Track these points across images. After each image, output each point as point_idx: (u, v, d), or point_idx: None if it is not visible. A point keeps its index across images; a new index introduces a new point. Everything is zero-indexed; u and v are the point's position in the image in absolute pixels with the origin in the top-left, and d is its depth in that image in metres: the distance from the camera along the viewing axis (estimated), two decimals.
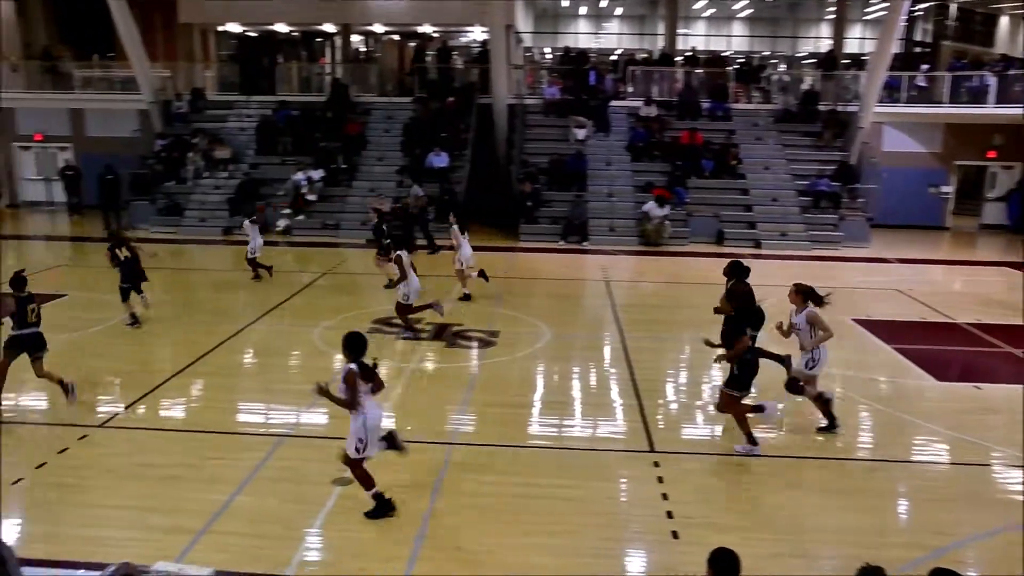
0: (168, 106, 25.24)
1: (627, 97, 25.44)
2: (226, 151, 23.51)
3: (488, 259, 18.69)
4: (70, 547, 6.17)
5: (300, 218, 21.65)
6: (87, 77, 26.88)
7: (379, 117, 24.91)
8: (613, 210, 21.72)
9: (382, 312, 13.64)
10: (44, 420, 9.09)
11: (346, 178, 22.89)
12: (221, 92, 26.78)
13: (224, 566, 5.38)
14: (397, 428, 8.87)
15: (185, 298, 14.95)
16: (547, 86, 26.15)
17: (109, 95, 26.32)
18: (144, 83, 24.62)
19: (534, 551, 6.31)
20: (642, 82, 25.84)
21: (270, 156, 23.64)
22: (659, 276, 17.92)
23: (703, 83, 25.55)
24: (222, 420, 9.00)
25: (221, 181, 22.97)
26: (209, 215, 22.11)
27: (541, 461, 8.04)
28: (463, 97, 24.59)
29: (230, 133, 24.49)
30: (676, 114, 24.30)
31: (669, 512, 6.94)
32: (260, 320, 13.08)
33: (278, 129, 23.96)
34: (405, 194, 21.71)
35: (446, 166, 22.40)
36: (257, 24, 30.29)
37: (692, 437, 8.87)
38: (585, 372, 11.17)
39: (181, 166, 23.29)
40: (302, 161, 22.54)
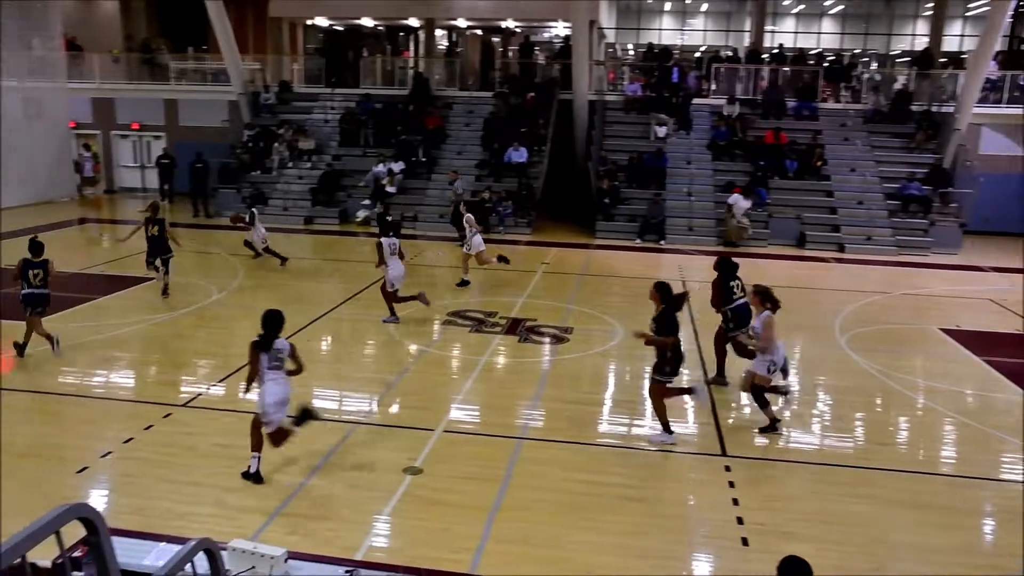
0: (256, 97, 25.99)
1: (710, 95, 25.01)
2: (310, 142, 24.06)
3: (563, 256, 18.68)
4: (153, 520, 6.42)
5: (379, 209, 21.97)
6: (182, 69, 27.91)
7: (460, 111, 25.11)
8: (692, 209, 21.40)
9: (455, 305, 13.76)
10: (132, 397, 9.47)
11: (425, 171, 23.15)
12: (307, 84, 27.43)
13: (295, 548, 5.50)
14: (468, 420, 8.96)
15: (267, 285, 15.36)
16: (629, 83, 25.89)
17: (202, 86, 27.28)
18: (235, 75, 25.39)
19: (601, 549, 6.27)
20: (726, 80, 25.35)
21: (352, 148, 24.08)
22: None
23: (789, 81, 24.92)
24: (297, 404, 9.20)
25: (304, 171, 23.52)
26: (292, 204, 22.67)
27: (610, 459, 7.98)
28: (544, 93, 24.58)
29: (314, 125, 25.07)
30: (760, 113, 23.77)
31: (739, 518, 6.81)
32: (337, 309, 13.34)
33: (361, 121, 24.39)
34: (483, 188, 21.86)
35: (524, 161, 22.43)
36: (344, 18, 30.90)
37: (765, 443, 8.66)
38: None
39: (267, 156, 23.94)
40: (383, 153, 22.89)
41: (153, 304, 13.37)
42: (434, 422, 8.68)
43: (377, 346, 11.80)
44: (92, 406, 9.07)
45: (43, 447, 7.91)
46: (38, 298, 10.51)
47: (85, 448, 7.88)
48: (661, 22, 42.23)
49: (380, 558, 6.10)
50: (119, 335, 11.82)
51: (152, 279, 14.05)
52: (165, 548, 4.85)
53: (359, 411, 9.11)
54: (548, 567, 6.02)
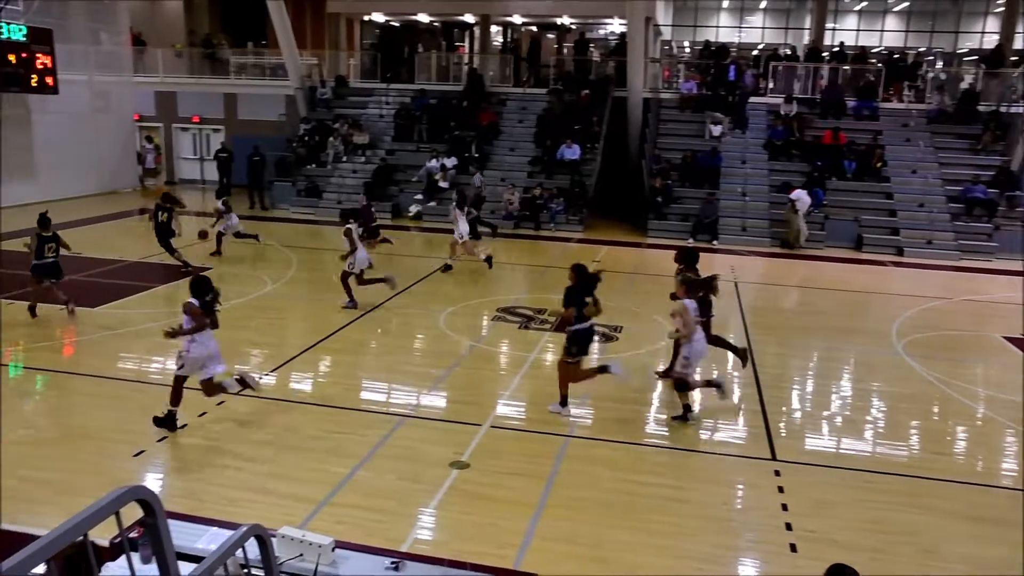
0: (313, 92, 26.37)
1: (767, 93, 24.62)
2: (364, 136, 24.33)
3: (614, 254, 18.59)
4: (204, 504, 6.57)
5: (432, 204, 22.14)
6: (241, 64, 28.49)
7: (513, 107, 25.14)
8: (746, 209, 21.12)
9: (506, 301, 13.79)
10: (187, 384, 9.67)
11: (478, 167, 23.23)
12: (363, 79, 27.73)
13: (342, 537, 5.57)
14: (516, 416, 8.99)
15: (319, 277, 15.58)
16: (684, 80, 25.64)
17: (260, 81, 27.81)
18: (292, 70, 25.79)
19: (646, 550, 6.23)
20: (784, 78, 24.93)
21: (406, 143, 24.29)
22: (790, 279, 17.28)
23: (850, 80, 24.39)
24: (347, 396, 9.34)
25: (358, 165, 23.80)
26: (346, 198, 22.91)
27: (657, 460, 7.93)
28: (598, 90, 24.48)
29: (369, 119, 25.34)
30: (819, 112, 23.33)
31: (788, 524, 6.70)
32: (388, 302, 13.47)
33: (415, 117, 24.58)
34: (535, 184, 21.86)
35: (577, 159, 22.37)
36: (400, 14, 31.15)
37: (817, 448, 8.50)
38: (706, 372, 10.90)
39: (322, 150, 24.29)
40: (436, 149, 23.04)
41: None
42: (481, 417, 8.72)
43: (426, 340, 11.89)
44: (149, 392, 9.30)
45: (104, 430, 8.14)
46: (50, 268, 11.69)
47: (142, 432, 8.10)
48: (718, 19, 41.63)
49: (425, 551, 6.14)
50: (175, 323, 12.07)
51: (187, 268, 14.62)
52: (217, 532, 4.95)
53: (407, 404, 9.19)
54: (592, 566, 6.00)
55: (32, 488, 6.85)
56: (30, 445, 7.75)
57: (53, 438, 7.94)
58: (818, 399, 10.16)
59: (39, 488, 6.88)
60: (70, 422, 8.34)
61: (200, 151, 28.42)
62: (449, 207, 16.34)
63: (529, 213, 21.27)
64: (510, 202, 21.51)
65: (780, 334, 12.70)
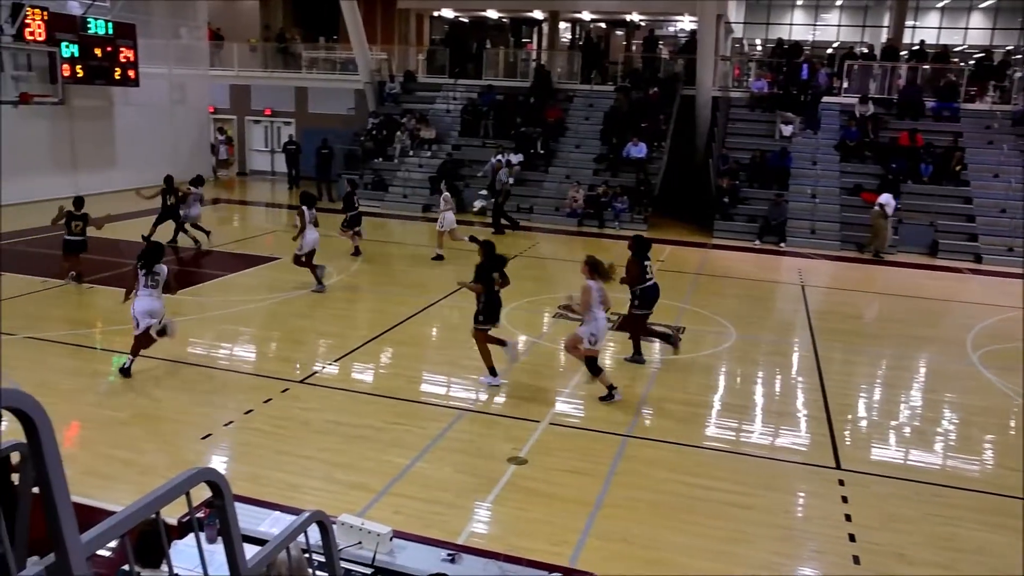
0: (382, 87, 26.71)
1: (841, 93, 24.00)
2: (431, 131, 24.53)
3: (679, 254, 18.38)
4: (266, 489, 6.71)
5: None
6: (313, 58, 29.01)
7: (580, 104, 25.05)
8: (815, 212, 20.64)
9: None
10: (254, 371, 9.92)
11: (543, 163, 23.23)
12: (431, 75, 27.96)
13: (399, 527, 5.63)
14: (574, 414, 8.97)
15: (383, 269, 15.79)
16: (755, 79, 25.17)
17: (330, 75, 28.28)
18: (362, 64, 26.17)
19: (702, 554, 6.15)
20: (859, 77, 24.26)
21: (472, 138, 24.42)
22: (861, 285, 16.81)
23: (929, 80, 23.60)
24: (408, 388, 9.44)
25: (425, 160, 24.02)
26: (411, 192, 23.19)
27: (716, 463, 7.81)
28: (666, 88, 24.22)
29: (436, 115, 25.54)
30: (895, 113, 22.66)
31: (852, 535, 6.53)
32: (451, 296, 13.57)
33: (482, 112, 24.69)
34: (599, 182, 21.76)
35: (643, 157, 22.17)
36: (469, 10, 31.32)
37: (884, 459, 8.27)
38: (770, 377, 10.73)
39: (389, 144, 24.58)
40: (502, 144, 23.10)
41: (276, 283, 13.98)
42: (540, 414, 8.72)
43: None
44: (218, 377, 9.56)
45: (176, 412, 8.40)
46: (77, 244, 12.85)
47: (210, 416, 8.33)
48: (792, 17, 40.76)
49: (480, 544, 6.17)
50: (244, 311, 12.42)
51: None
52: (279, 517, 5.05)
53: (467, 398, 9.25)
54: (647, 567, 5.95)
55: (104, 464, 7.11)
56: (106, 424, 8.04)
57: (126, 418, 8.22)
58: (886, 408, 9.88)
59: (111, 464, 7.14)
60: (143, 403, 8.62)
61: (271, 143, 29.06)
62: (440, 198, 16.92)
63: (593, 211, 21.18)
64: (574, 199, 21.45)
65: (848, 340, 12.38)
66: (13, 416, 1.48)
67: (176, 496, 1.81)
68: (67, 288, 12.88)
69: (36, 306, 12.01)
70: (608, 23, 33.34)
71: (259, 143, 29.38)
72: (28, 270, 13.62)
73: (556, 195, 22.17)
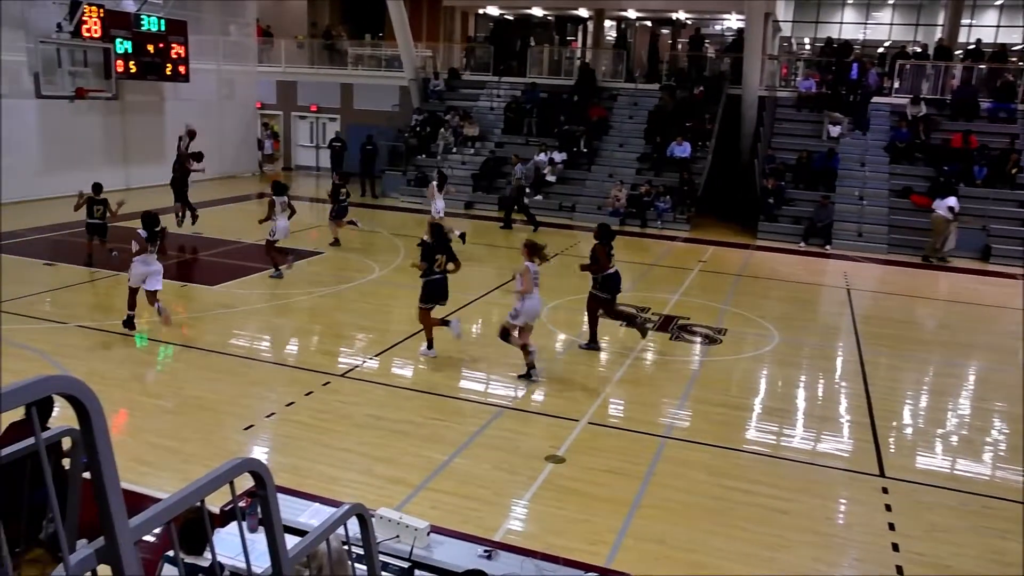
0: (426, 84, 26.84)
1: (892, 93, 23.53)
2: (475, 129, 24.60)
3: (721, 255, 18.20)
4: (306, 480, 6.79)
5: (538, 198, 22.20)
6: (358, 55, 29.28)
7: (624, 103, 24.91)
8: (863, 214, 20.27)
9: None
10: (295, 364, 10.05)
11: (586, 162, 23.15)
12: (475, 72, 28.03)
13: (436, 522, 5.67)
14: (613, 414, 8.94)
15: None
16: (803, 78, 24.79)
17: (376, 72, 28.51)
18: (407, 62, 26.33)
19: (740, 559, 6.08)
20: (911, 77, 23.74)
21: (515, 136, 24.42)
22: (908, 289, 16.47)
23: (985, 80, 22.99)
24: (447, 384, 9.48)
25: (468, 157, 24.10)
26: (455, 189, 23.23)
27: (756, 467, 7.72)
28: (712, 87, 23.97)
29: (480, 112, 25.61)
30: (948, 114, 22.14)
31: (895, 544, 6.41)
32: (491, 293, 13.61)
33: (525, 110, 24.68)
34: (642, 181, 21.63)
35: (687, 156, 21.98)
36: (514, 8, 31.32)
37: (931, 468, 8.10)
38: (812, 381, 10.57)
39: (432, 141, 24.70)
40: (545, 143, 23.07)
41: (318, 277, 14.14)
42: (579, 413, 8.71)
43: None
44: (261, 369, 9.71)
45: (220, 403, 8.55)
46: (97, 227, 13.68)
47: (252, 407, 8.46)
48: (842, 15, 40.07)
49: (516, 542, 6.18)
50: (287, 304, 12.59)
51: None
52: (318, 508, 5.11)
53: (506, 395, 9.26)
54: (684, 570, 5.90)
55: (149, 451, 7.26)
56: (152, 412, 8.22)
57: (171, 407, 8.39)
58: (933, 416, 9.68)
59: (156, 452, 7.29)
60: (187, 393, 8.79)
61: (316, 139, 29.40)
62: (428, 186, 17.44)
63: (636, 210, 21.06)
64: (617, 198, 21.35)
65: (894, 345, 12.15)
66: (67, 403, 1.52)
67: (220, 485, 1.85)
68: (117, 279, 13.17)
69: (86, 296, 12.31)
70: (654, 21, 33.09)
71: (304, 139, 29.73)
72: (78, 260, 13.95)
73: (598, 194, 22.08)
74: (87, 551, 1.57)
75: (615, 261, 10.92)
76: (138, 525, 1.59)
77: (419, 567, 4.59)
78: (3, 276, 13.17)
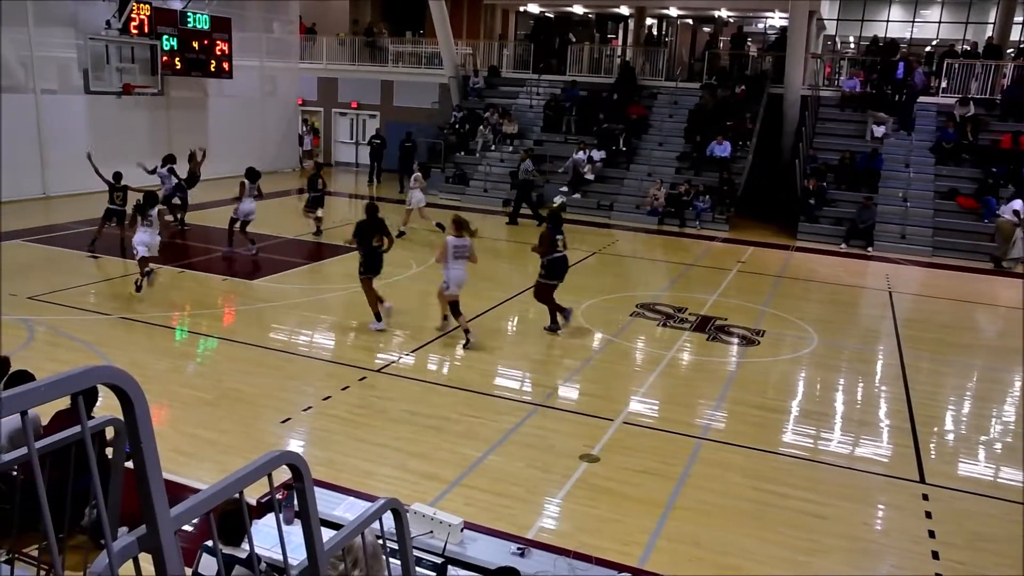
0: (466, 81, 26.91)
1: (939, 93, 23.04)
2: (514, 126, 24.61)
3: (760, 255, 18.00)
4: (341, 474, 6.87)
5: (576, 196, 22.15)
6: (399, 52, 29.46)
7: (664, 102, 24.74)
8: (906, 216, 19.89)
9: (646, 297, 13.65)
10: (333, 358, 10.15)
11: (625, 160, 23.04)
12: (515, 70, 28.04)
13: (470, 518, 5.69)
14: (648, 414, 8.89)
15: None
16: (847, 78, 24.39)
17: (416, 69, 28.66)
18: (447, 59, 26.42)
19: (775, 563, 6.02)
20: (960, 76, 23.24)
21: (554, 134, 24.39)
22: (953, 293, 16.10)
23: None
24: (482, 381, 9.50)
25: (506, 155, 24.11)
26: (492, 186, 23.31)
27: (792, 470, 7.63)
28: (753, 86, 23.70)
29: (519, 109, 25.61)
30: (998, 114, 21.63)
31: (935, 552, 6.29)
32: (528, 291, 13.60)
33: (564, 108, 24.63)
34: (682, 181, 21.48)
35: (727, 156, 21.77)
36: (555, 5, 31.26)
37: (973, 475, 7.94)
38: (851, 385, 10.41)
39: (471, 138, 24.76)
40: (584, 141, 23.00)
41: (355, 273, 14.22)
42: (614, 412, 8.68)
43: (564, 331, 11.92)
44: (298, 363, 9.82)
45: (255, 395, 8.66)
46: (116, 213, 14.52)
47: (290, 401, 8.57)
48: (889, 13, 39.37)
49: (549, 540, 6.18)
50: (324, 299, 12.73)
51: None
52: (353, 502, 5.16)
53: (541, 393, 9.26)
54: (718, 572, 5.86)
55: (188, 442, 7.39)
56: (192, 404, 8.36)
57: (210, 399, 8.52)
58: (976, 422, 9.48)
59: (195, 443, 7.41)
60: (226, 385, 8.92)
61: (356, 136, 29.65)
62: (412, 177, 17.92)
63: (674, 210, 20.91)
64: (655, 197, 21.22)
65: (937, 350, 11.93)
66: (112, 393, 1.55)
67: (259, 477, 1.87)
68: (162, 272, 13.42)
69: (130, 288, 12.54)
70: (696, 19, 32.80)
71: (344, 135, 30.01)
72: (123, 254, 14.22)
73: (637, 193, 21.96)
74: (129, 539, 1.60)
75: (564, 245, 11.28)
76: (179, 515, 1.62)
77: (452, 563, 4.61)
78: (50, 268, 13.51)
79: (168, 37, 20.58)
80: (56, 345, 9.89)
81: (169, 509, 1.59)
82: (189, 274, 13.66)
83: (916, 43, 35.47)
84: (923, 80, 23.27)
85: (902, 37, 34.85)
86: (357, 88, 28.92)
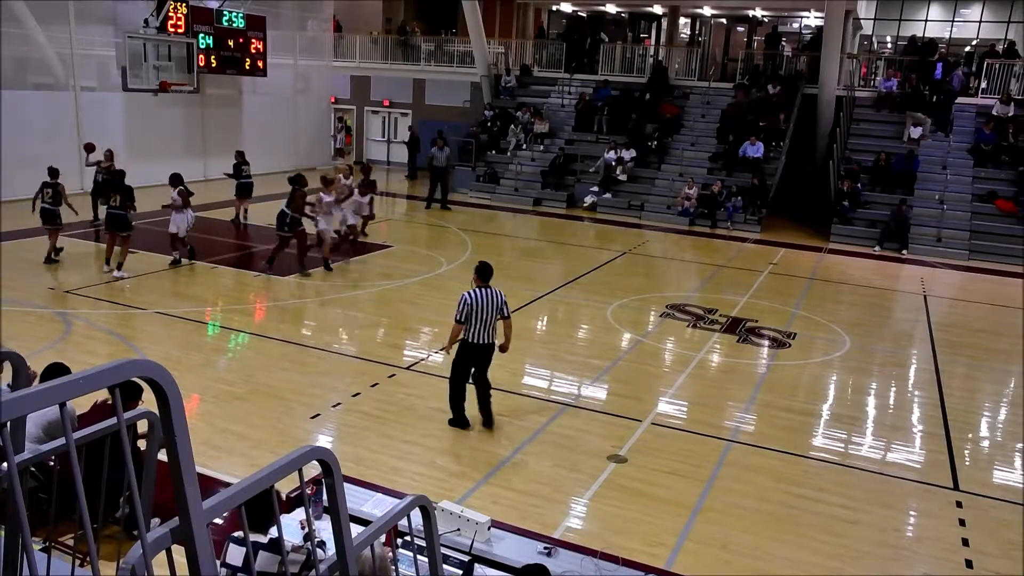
0: (498, 80, 26.93)
1: (978, 94, 22.63)
2: (545, 125, 24.57)
3: (793, 257, 17.82)
4: (369, 470, 6.91)
5: (607, 196, 22.07)
6: (431, 50, 29.56)
7: (696, 102, 24.56)
8: (943, 218, 19.55)
9: (676, 298, 13.57)
10: (362, 355, 10.21)
11: (656, 160, 22.92)
12: (547, 69, 27.99)
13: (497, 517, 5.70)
14: (677, 415, 8.84)
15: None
16: (884, 78, 24.05)
17: (448, 67, 28.72)
18: (479, 58, 26.45)
19: (805, 567, 5.96)
20: (1000, 77, 22.79)
21: (585, 133, 24.30)
22: (989, 297, 15.81)
23: None
24: (511, 380, 9.49)
25: (537, 154, 24.09)
26: (523, 186, 23.30)
27: (823, 475, 7.55)
28: (787, 86, 23.46)
29: (551, 109, 25.55)
30: None
31: (968, 561, 6.19)
32: (557, 291, 13.59)
33: (596, 107, 24.54)
34: (714, 181, 21.32)
35: (760, 157, 21.56)
36: (588, 5, 31.17)
37: (1009, 483, 7.79)
38: (884, 389, 10.27)
39: (503, 137, 24.77)
40: (616, 140, 22.92)
41: (385, 270, 14.33)
42: (642, 413, 8.64)
43: (592, 331, 11.90)
44: (329, 359, 9.89)
45: (289, 391, 8.74)
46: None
47: (320, 397, 8.64)
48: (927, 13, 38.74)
49: (575, 540, 6.17)
50: (355, 296, 12.81)
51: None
52: (381, 499, 5.19)
53: (569, 393, 9.25)
54: (745, 575, 5.82)
55: (219, 436, 7.48)
56: (223, 398, 8.46)
57: (242, 394, 8.61)
58: (1013, 429, 9.29)
59: (226, 437, 7.50)
60: (258, 381, 9.02)
61: (388, 134, 29.81)
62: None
63: (706, 210, 20.76)
64: (687, 196, 21.08)
65: (972, 355, 11.72)
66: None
67: (290, 471, 1.89)
68: (194, 267, 13.60)
69: (164, 283, 12.73)
70: (729, 18, 32.52)
71: (376, 133, 30.17)
72: (158, 249, 14.40)
73: (668, 193, 21.83)
74: (162, 531, 1.63)
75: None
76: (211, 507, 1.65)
77: (479, 561, 4.62)
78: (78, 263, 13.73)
79: (204, 35, 20.81)
80: (93, 339, 10.06)
81: (201, 502, 1.61)
82: (221, 270, 13.82)
83: (955, 43, 34.87)
84: (961, 81, 22.87)
85: (941, 37, 34.27)
86: (389, 86, 29.07)
